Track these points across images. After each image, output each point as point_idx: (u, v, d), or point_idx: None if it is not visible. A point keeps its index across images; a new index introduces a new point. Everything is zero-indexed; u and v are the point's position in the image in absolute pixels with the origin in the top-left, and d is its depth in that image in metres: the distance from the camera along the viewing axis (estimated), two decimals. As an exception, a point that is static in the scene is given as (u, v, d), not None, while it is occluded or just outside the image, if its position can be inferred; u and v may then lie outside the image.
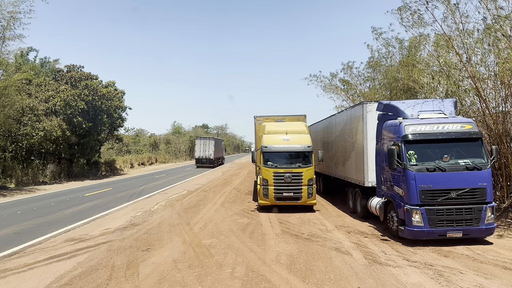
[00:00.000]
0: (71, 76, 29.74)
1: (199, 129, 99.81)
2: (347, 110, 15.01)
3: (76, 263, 7.98)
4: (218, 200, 17.63)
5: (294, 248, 8.96)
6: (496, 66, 11.42)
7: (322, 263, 7.80)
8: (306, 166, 13.93)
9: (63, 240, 10.04)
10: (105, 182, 27.95)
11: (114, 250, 8.91)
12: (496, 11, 11.26)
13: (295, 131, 14.90)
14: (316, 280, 6.87)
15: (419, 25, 13.03)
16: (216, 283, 6.74)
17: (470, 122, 9.58)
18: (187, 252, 8.72)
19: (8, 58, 21.86)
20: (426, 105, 10.38)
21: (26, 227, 11.69)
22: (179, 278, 6.98)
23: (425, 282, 6.68)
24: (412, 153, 9.38)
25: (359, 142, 12.78)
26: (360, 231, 10.77)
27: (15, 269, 7.61)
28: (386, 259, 8.07)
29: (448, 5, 11.83)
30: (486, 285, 6.55)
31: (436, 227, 9.00)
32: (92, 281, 6.90)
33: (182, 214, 13.74)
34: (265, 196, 13.95)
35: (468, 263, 7.76)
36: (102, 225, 11.97)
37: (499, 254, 8.40)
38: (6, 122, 21.77)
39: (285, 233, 10.61)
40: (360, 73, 24.09)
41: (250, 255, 8.46)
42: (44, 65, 32.67)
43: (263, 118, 18.86)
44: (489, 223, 9.05)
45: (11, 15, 20.25)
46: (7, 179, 24.33)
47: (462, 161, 9.23)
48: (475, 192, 9.03)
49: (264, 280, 6.85)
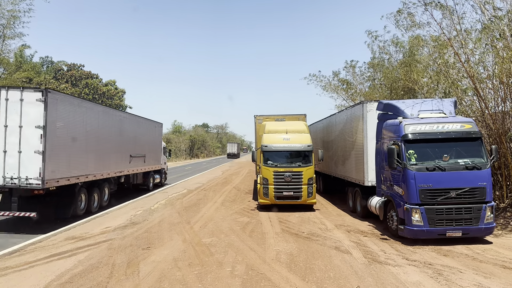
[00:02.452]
0: (72, 75, 29.81)
1: (199, 128, 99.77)
2: (347, 110, 15.03)
3: (77, 261, 8.00)
4: (218, 199, 17.66)
5: (294, 247, 8.98)
6: (495, 65, 11.43)
7: (321, 262, 7.83)
8: (306, 165, 13.95)
9: (64, 238, 10.06)
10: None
11: (114, 249, 8.94)
12: (494, 11, 11.28)
13: (295, 130, 14.93)
14: (315, 278, 6.90)
15: (418, 26, 13.10)
16: (216, 281, 6.76)
17: (470, 122, 9.61)
18: (187, 250, 8.75)
19: (8, 57, 21.89)
20: (426, 104, 10.40)
21: (27, 226, 11.70)
22: (179, 277, 7.00)
23: (425, 281, 6.71)
24: (412, 153, 9.41)
25: (359, 141, 12.80)
26: (360, 230, 10.79)
27: (15, 267, 7.63)
28: (386, 258, 8.09)
29: (446, 8, 11.87)
30: (485, 284, 6.58)
31: (435, 226, 9.03)
32: (93, 279, 6.93)
33: (182, 213, 13.77)
34: (265, 195, 13.98)
35: (467, 262, 7.78)
36: (102, 223, 12.00)
37: (499, 254, 8.43)
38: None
39: (285, 232, 10.64)
40: (362, 72, 24.14)
41: (250, 253, 8.49)
42: (45, 64, 32.71)
43: (263, 118, 18.89)
44: (488, 222, 9.08)
45: (11, 14, 20.28)
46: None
47: (462, 161, 9.26)
48: (475, 192, 9.06)
49: (264, 279, 6.87)
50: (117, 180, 16.86)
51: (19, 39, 21.28)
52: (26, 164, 10.54)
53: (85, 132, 13.12)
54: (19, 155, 10.55)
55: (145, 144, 19.72)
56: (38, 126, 10.52)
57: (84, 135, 13.07)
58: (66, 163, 11.78)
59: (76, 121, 12.47)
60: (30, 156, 10.52)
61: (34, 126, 10.52)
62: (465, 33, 12.08)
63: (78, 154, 12.58)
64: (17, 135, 10.57)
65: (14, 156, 10.56)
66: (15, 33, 20.80)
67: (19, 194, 10.80)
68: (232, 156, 79.04)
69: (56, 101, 11.21)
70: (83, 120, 13.01)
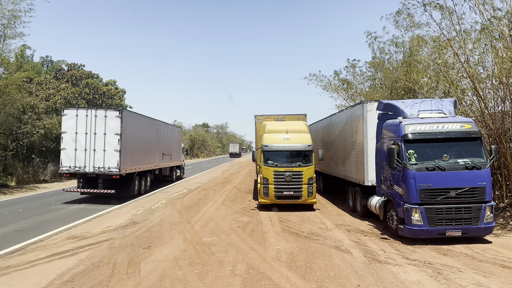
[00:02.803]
0: (72, 74, 29.85)
1: (199, 128, 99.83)
2: (347, 110, 15.06)
3: (78, 260, 8.04)
4: (218, 198, 17.69)
5: (294, 246, 9.02)
6: (494, 66, 11.46)
7: (322, 261, 7.86)
8: (306, 165, 13.99)
9: (65, 237, 10.10)
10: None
11: (115, 248, 8.97)
12: (494, 11, 11.31)
13: (296, 130, 14.96)
14: (316, 277, 6.93)
15: (417, 27, 13.14)
16: (217, 280, 6.80)
17: (469, 122, 9.64)
18: (188, 250, 8.78)
19: (9, 56, 21.90)
20: (425, 104, 10.43)
21: (28, 225, 11.75)
22: (180, 276, 7.04)
23: (424, 280, 6.74)
24: (411, 152, 9.44)
25: (359, 141, 12.83)
26: (360, 230, 10.83)
27: (17, 266, 7.67)
28: (386, 257, 8.13)
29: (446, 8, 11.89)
30: (484, 283, 6.61)
31: (435, 226, 9.06)
32: (94, 278, 6.96)
33: (183, 213, 13.80)
34: (265, 195, 14.02)
35: (467, 262, 7.82)
36: (103, 223, 12.04)
37: (498, 253, 8.46)
38: (7, 120, 21.83)
39: (285, 231, 10.68)
40: (363, 72, 24.15)
41: (251, 253, 8.52)
42: (45, 63, 32.73)
43: (263, 117, 18.91)
44: (488, 222, 9.12)
45: (11, 14, 20.28)
46: (8, 177, 24.39)
47: (462, 161, 9.29)
48: (474, 191, 9.09)
49: (264, 278, 6.91)
50: (153, 172, 21.82)
51: (19, 39, 21.27)
52: (108, 158, 15.88)
53: (138, 136, 18.42)
54: (104, 152, 15.97)
55: (171, 145, 24.87)
56: (117, 133, 16.01)
57: (138, 138, 18.41)
58: (130, 158, 17.16)
59: (134, 128, 17.75)
60: (111, 153, 15.93)
61: (114, 133, 16.02)
62: (465, 33, 12.10)
63: (135, 151, 17.92)
64: (102, 139, 16.03)
65: (100, 153, 16.00)
66: (16, 33, 20.80)
67: (103, 178, 16.20)
68: (234, 155, 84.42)
69: (126, 116, 16.75)
70: (137, 128, 18.35)
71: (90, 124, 16.07)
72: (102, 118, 16.11)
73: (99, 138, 16.03)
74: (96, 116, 16.16)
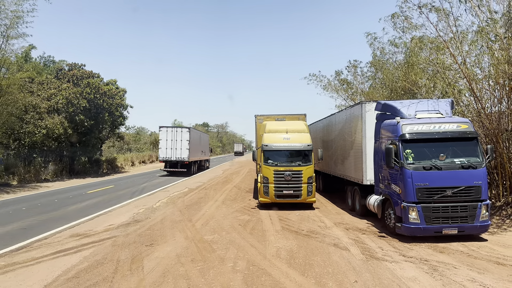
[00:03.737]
0: (73, 74, 29.97)
1: (200, 127, 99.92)
2: (346, 110, 15.23)
3: (82, 257, 8.22)
4: (219, 197, 17.87)
5: (294, 244, 9.20)
6: (490, 67, 11.62)
7: (320, 258, 8.05)
8: (306, 164, 14.16)
9: (69, 235, 10.28)
10: (106, 179, 28.18)
11: (118, 245, 9.16)
12: (490, 14, 11.47)
13: (296, 130, 15.13)
14: (315, 274, 7.12)
15: (415, 28, 13.30)
16: (218, 276, 6.98)
17: (466, 122, 9.80)
18: (189, 247, 8.96)
19: (11, 56, 22.05)
20: (422, 104, 10.59)
21: (32, 223, 11.94)
22: (182, 272, 7.22)
23: (420, 276, 6.92)
24: (409, 152, 9.61)
25: (358, 141, 13.00)
26: (358, 228, 11.01)
27: (23, 263, 7.86)
28: (383, 254, 8.31)
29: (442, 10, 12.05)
30: (478, 279, 6.79)
31: (432, 224, 9.23)
32: (99, 274, 7.15)
33: (184, 211, 13.98)
34: (265, 194, 14.19)
35: (462, 259, 8.00)
36: (106, 221, 12.22)
37: (493, 251, 8.64)
38: (9, 120, 21.97)
39: (285, 229, 10.86)
40: (363, 73, 24.32)
41: (251, 250, 8.71)
42: (47, 64, 32.87)
43: (263, 117, 19.07)
44: (483, 220, 9.29)
45: (14, 14, 20.44)
46: (10, 176, 24.57)
47: (458, 160, 9.45)
48: (470, 190, 9.25)
49: (264, 274, 7.09)
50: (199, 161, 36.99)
51: (22, 39, 21.45)
52: (183, 153, 30.75)
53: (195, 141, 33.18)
54: (181, 150, 30.70)
55: (205, 146, 40.69)
56: (187, 140, 30.75)
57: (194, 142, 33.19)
58: (192, 153, 31.63)
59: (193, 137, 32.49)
60: (184, 150, 30.75)
61: (186, 140, 30.80)
62: (461, 35, 12.27)
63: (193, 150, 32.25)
64: (180, 142, 30.76)
65: (179, 150, 30.69)
66: (19, 33, 20.97)
67: (181, 163, 31.01)
68: (238, 154, 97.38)
69: (191, 131, 31.89)
70: (194, 136, 33.11)
71: (174, 135, 30.78)
72: (180, 131, 30.99)
73: (178, 142, 30.67)
74: (177, 131, 31.04)
